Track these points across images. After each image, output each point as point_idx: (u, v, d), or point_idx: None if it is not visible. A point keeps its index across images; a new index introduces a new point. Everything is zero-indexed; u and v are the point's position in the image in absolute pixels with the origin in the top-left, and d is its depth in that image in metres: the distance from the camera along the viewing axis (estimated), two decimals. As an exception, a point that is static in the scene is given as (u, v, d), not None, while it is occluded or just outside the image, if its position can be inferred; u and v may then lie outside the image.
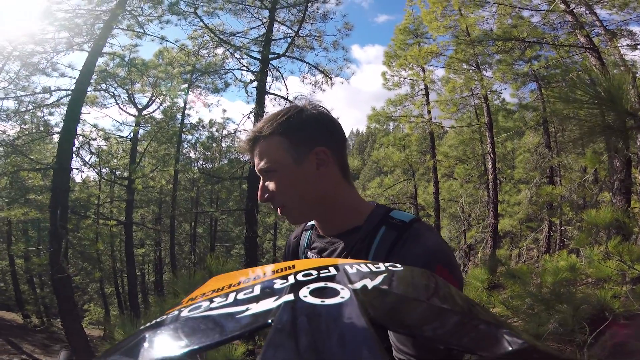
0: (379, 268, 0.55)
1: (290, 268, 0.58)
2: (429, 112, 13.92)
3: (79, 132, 10.88)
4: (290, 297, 0.42)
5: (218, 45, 11.62)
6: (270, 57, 10.63)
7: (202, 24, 10.77)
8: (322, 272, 0.52)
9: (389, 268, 0.55)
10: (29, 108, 10.61)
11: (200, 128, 17.12)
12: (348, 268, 0.54)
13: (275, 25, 11.00)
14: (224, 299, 0.47)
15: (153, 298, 18.55)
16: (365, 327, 0.34)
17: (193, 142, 17.61)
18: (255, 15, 11.13)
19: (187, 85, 14.21)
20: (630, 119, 1.82)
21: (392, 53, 14.56)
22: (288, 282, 0.49)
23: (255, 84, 10.66)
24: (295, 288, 0.45)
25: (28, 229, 18.89)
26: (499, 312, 3.51)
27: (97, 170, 13.58)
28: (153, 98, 14.88)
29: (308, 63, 11.37)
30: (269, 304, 0.42)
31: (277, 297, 0.43)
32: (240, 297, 0.47)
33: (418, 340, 0.77)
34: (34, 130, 11.42)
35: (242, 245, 16.90)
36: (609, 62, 8.24)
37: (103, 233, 13.92)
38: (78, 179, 16.14)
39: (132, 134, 14.66)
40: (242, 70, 11.62)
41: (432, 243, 0.90)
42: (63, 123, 9.08)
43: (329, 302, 0.40)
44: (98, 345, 11.40)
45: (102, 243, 13.48)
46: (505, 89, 16.19)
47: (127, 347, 0.40)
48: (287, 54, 11.00)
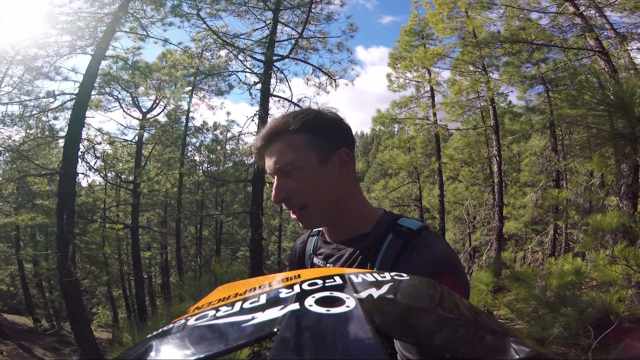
0: (385, 277, 0.55)
1: (296, 277, 0.59)
2: (435, 114, 13.90)
3: (84, 136, 10.94)
4: (296, 306, 0.42)
5: (221, 47, 11.64)
6: (274, 58, 10.64)
7: (205, 26, 10.80)
8: (327, 281, 0.52)
9: (395, 277, 0.55)
10: (34, 113, 10.64)
11: (205, 131, 17.17)
12: (353, 277, 0.54)
13: (279, 27, 11.00)
14: (230, 308, 0.47)
15: (160, 301, 18.62)
16: (371, 336, 0.34)
17: (197, 145, 17.72)
18: (259, 17, 11.15)
19: (190, 88, 14.27)
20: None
21: (397, 55, 14.50)
22: (294, 291, 0.49)
23: (259, 86, 10.66)
24: (301, 297, 0.45)
25: (36, 234, 19.07)
26: (504, 314, 3.49)
27: (102, 175, 13.65)
28: (157, 101, 14.92)
29: (312, 65, 11.38)
30: (275, 313, 0.42)
31: (282, 306, 0.43)
32: (246, 306, 0.47)
33: (423, 348, 0.77)
34: (39, 135, 11.44)
35: (247, 248, 16.94)
36: (619, 65, 8.17)
37: (110, 237, 14.05)
38: (84, 184, 16.25)
39: (136, 138, 14.69)
40: (245, 72, 11.64)
41: (439, 251, 0.90)
42: (68, 127, 9.12)
43: (335, 311, 0.40)
44: (107, 348, 11.44)
45: (109, 247, 13.59)
46: (512, 92, 16.16)
47: (134, 355, 0.40)
48: (291, 56, 11.01)
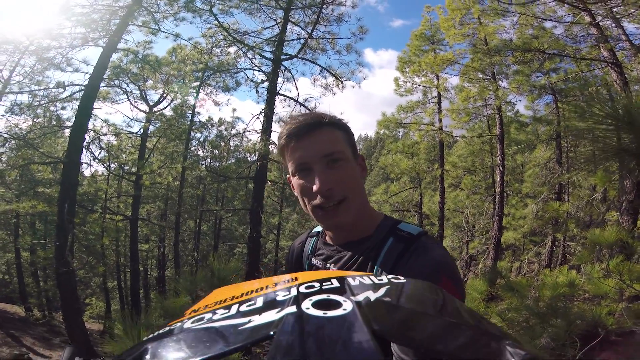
0: (382, 280, 0.55)
1: (293, 280, 0.59)
2: (440, 120, 13.84)
3: (90, 127, 11.02)
4: (293, 309, 0.42)
5: (231, 44, 11.71)
6: (283, 57, 10.69)
7: (216, 22, 10.85)
8: (324, 284, 0.53)
9: (392, 280, 0.55)
10: (42, 102, 10.71)
11: (210, 126, 17.15)
12: (350, 280, 0.54)
13: (289, 26, 11.07)
14: (227, 311, 0.47)
15: (154, 294, 18.59)
16: (368, 339, 0.34)
17: (202, 140, 17.69)
18: (270, 15, 11.21)
19: (198, 84, 14.30)
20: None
21: (406, 59, 14.49)
22: (291, 294, 0.49)
23: (266, 85, 10.73)
24: (298, 300, 0.45)
25: (35, 222, 19.08)
26: (494, 323, 3.50)
27: (106, 165, 13.72)
28: (164, 95, 14.97)
29: (320, 65, 11.42)
30: (272, 316, 0.42)
31: (279, 309, 0.43)
32: (243, 309, 0.47)
33: (424, 352, 0.77)
34: (46, 125, 11.49)
35: (245, 245, 16.94)
36: (631, 78, 8.11)
37: (109, 228, 14.04)
38: (87, 173, 16.27)
39: (142, 130, 14.77)
40: (253, 70, 11.75)
41: (438, 255, 0.91)
42: (75, 118, 9.17)
43: (332, 314, 0.40)
44: (97, 340, 11.43)
45: (107, 237, 13.58)
46: (520, 101, 16.01)
47: (130, 358, 0.40)
48: (299, 56, 11.06)
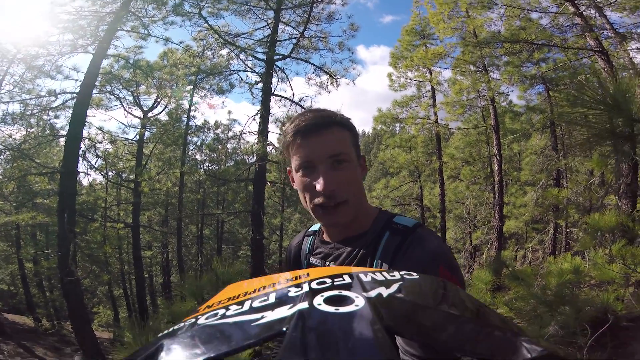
0: (394, 276, 0.55)
1: (305, 276, 0.59)
2: (436, 113, 13.89)
3: (85, 135, 10.88)
4: (305, 305, 0.42)
5: (223, 47, 11.63)
6: (276, 58, 10.65)
7: (206, 25, 10.80)
8: (336, 280, 0.53)
9: (405, 277, 0.55)
10: (35, 111, 10.58)
11: (206, 130, 17.09)
12: (362, 276, 0.54)
13: (281, 26, 11.03)
14: (240, 307, 0.48)
15: (161, 300, 18.57)
16: (380, 335, 0.34)
17: (199, 144, 17.67)
18: (260, 16, 11.16)
19: (192, 87, 14.24)
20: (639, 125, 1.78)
21: (398, 54, 14.49)
22: (302, 290, 0.49)
23: (261, 86, 10.67)
24: (310, 296, 0.45)
25: (36, 233, 19.01)
26: (502, 313, 3.50)
27: (103, 173, 13.65)
28: (158, 100, 14.81)
29: (313, 64, 11.38)
30: (284, 312, 0.42)
31: (291, 305, 0.44)
32: (256, 304, 0.47)
33: (429, 345, 0.77)
34: (40, 134, 11.37)
35: (248, 247, 16.91)
36: (618, 65, 8.16)
37: (110, 236, 14.00)
38: (85, 182, 16.24)
39: (137, 137, 14.59)
40: (247, 72, 11.66)
41: (435, 245, 0.92)
42: (69, 126, 9.08)
43: (344, 310, 0.40)
44: (108, 348, 11.43)
45: (109, 246, 13.56)
46: (513, 91, 16.07)
47: (145, 355, 0.40)
48: (292, 55, 11.02)
